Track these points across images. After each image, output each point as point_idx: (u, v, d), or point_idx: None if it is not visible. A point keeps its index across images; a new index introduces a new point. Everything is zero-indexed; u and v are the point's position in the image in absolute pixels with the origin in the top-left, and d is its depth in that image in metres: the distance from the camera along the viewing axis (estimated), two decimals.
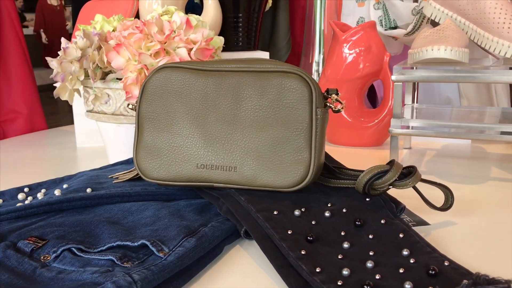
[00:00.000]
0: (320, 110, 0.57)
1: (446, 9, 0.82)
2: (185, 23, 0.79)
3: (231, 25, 1.08)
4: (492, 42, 0.74)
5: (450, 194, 0.58)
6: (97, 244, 0.49)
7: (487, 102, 1.13)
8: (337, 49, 0.95)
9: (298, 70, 0.58)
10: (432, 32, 0.78)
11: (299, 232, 0.51)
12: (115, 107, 0.80)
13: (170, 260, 0.44)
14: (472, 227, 0.58)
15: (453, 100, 1.19)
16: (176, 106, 0.60)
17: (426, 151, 0.92)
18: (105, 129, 0.84)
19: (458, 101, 1.18)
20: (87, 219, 0.54)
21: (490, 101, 1.12)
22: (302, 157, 0.57)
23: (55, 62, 0.77)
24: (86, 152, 0.98)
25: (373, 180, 0.56)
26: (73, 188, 0.64)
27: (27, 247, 0.48)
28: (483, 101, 1.14)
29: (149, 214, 0.56)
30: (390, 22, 1.02)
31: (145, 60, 0.74)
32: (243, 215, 0.54)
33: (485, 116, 0.90)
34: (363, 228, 0.53)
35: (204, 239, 0.49)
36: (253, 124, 0.58)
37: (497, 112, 0.95)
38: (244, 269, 0.49)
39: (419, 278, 0.44)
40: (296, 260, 0.46)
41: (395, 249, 0.50)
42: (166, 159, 0.60)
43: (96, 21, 0.86)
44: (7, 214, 0.54)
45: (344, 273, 0.45)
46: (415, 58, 0.75)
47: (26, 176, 0.82)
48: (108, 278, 0.40)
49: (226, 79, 0.59)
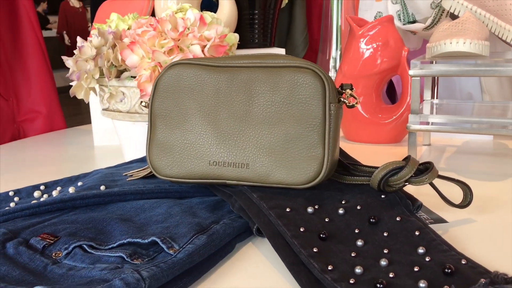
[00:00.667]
0: (334, 106, 0.56)
1: (466, 2, 0.79)
2: (199, 20, 0.79)
3: (246, 22, 1.07)
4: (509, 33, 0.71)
5: (469, 191, 0.57)
6: (108, 241, 0.49)
7: (511, 97, 1.10)
8: (353, 44, 0.93)
9: (311, 65, 0.57)
10: (451, 25, 0.76)
11: (311, 230, 0.50)
12: (130, 105, 0.80)
13: (179, 257, 0.44)
14: (492, 225, 0.56)
15: (475, 96, 1.16)
16: (188, 103, 0.60)
17: (446, 148, 0.90)
18: (120, 127, 0.84)
19: (480, 97, 1.16)
20: (99, 216, 0.54)
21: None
22: (316, 154, 0.56)
23: (71, 61, 0.78)
24: (103, 150, 0.98)
25: (388, 177, 0.55)
26: (87, 185, 0.64)
27: (39, 244, 0.48)
28: (506, 97, 1.11)
29: (161, 211, 0.56)
30: (409, 16, 1.00)
31: (159, 57, 0.73)
32: (255, 212, 0.53)
33: (508, 111, 0.88)
34: (378, 225, 0.52)
35: (215, 236, 0.49)
36: (265, 120, 0.57)
37: None
38: (256, 267, 0.48)
39: (434, 276, 0.43)
40: (308, 258, 0.45)
41: (410, 247, 0.48)
42: (178, 156, 0.60)
43: (111, 20, 0.86)
44: (21, 212, 0.55)
45: (357, 271, 0.44)
46: (434, 52, 0.73)
47: (44, 175, 0.82)
48: (116, 275, 0.40)
49: (238, 75, 0.59)
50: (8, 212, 0.54)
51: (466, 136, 0.96)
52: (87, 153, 0.97)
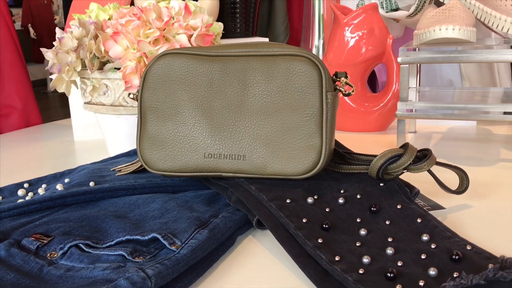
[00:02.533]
0: (331, 94, 0.55)
1: None
2: (184, 9, 0.76)
3: (228, 11, 1.05)
4: (500, 21, 0.72)
5: (465, 177, 0.57)
6: (105, 239, 0.47)
7: (490, 84, 1.12)
8: (338, 33, 0.92)
9: (307, 53, 0.56)
10: (438, 11, 0.76)
11: (313, 220, 0.50)
12: (114, 97, 0.78)
13: (183, 253, 0.42)
14: (489, 210, 0.57)
15: (455, 83, 1.17)
16: (180, 94, 0.58)
17: (432, 135, 0.91)
18: (104, 121, 0.81)
19: (460, 83, 1.17)
20: (92, 213, 0.52)
21: (493, 82, 1.11)
22: (313, 143, 0.55)
23: (51, 53, 0.75)
24: (84, 145, 0.95)
25: (387, 165, 0.54)
26: (75, 182, 0.62)
27: (32, 245, 0.45)
28: (486, 83, 1.13)
29: (156, 206, 0.54)
30: (391, 4, 1.00)
31: (144, 48, 0.71)
32: (255, 205, 0.52)
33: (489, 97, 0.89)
34: (379, 214, 0.51)
35: (217, 231, 0.48)
36: (261, 110, 0.56)
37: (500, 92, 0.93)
38: (259, 260, 0.47)
39: (442, 263, 0.42)
40: (314, 249, 0.44)
41: (413, 234, 0.48)
42: (171, 150, 0.58)
43: (91, 10, 0.83)
44: (9, 211, 0.52)
45: (365, 261, 0.43)
46: (422, 38, 0.73)
47: (24, 172, 0.79)
48: (120, 274, 0.38)
49: (232, 64, 0.57)
50: None
51: (450, 122, 0.97)
52: (67, 149, 0.94)
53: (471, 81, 1.14)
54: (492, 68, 1.10)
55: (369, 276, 0.41)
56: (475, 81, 1.14)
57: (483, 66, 1.11)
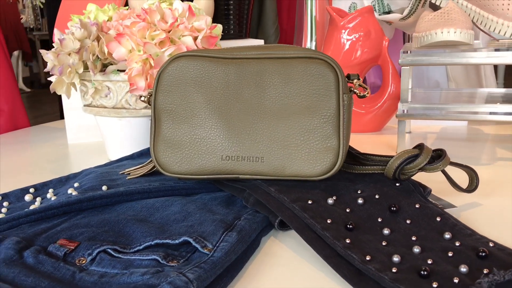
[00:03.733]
0: (347, 96, 0.56)
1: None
2: (188, 10, 0.76)
3: (222, 13, 1.05)
4: (497, 24, 0.74)
5: (475, 176, 0.59)
6: (131, 244, 0.46)
7: (476, 85, 1.15)
8: (335, 35, 0.94)
9: (323, 55, 0.56)
10: (437, 15, 0.78)
11: (337, 221, 0.50)
12: (116, 100, 0.77)
13: (218, 256, 0.42)
14: (498, 207, 0.58)
15: (442, 84, 1.20)
16: (196, 97, 0.58)
17: (427, 135, 0.93)
18: (104, 123, 0.80)
19: (446, 85, 1.20)
20: (112, 218, 0.52)
21: (479, 83, 1.14)
22: (331, 145, 0.56)
23: (51, 55, 0.73)
24: (78, 148, 0.94)
25: (404, 165, 0.56)
26: (86, 186, 0.61)
27: (60, 251, 0.45)
28: (472, 84, 1.16)
29: (176, 210, 0.54)
30: (384, 6, 1.02)
31: (150, 49, 0.71)
32: (276, 206, 0.53)
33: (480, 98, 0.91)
34: (399, 213, 0.52)
35: (244, 233, 0.48)
36: (278, 112, 0.56)
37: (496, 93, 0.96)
38: (287, 261, 0.48)
39: (470, 261, 0.44)
40: (345, 250, 0.45)
41: (435, 233, 0.49)
42: (188, 152, 0.58)
43: (89, 11, 0.82)
44: (27, 217, 0.51)
45: (395, 260, 0.44)
46: (423, 41, 0.75)
47: (22, 176, 0.77)
48: (162, 279, 0.38)
49: (248, 67, 0.57)
50: (13, 218, 0.50)
51: (442, 122, 0.99)
52: (62, 152, 0.92)
53: (457, 82, 1.18)
54: (479, 70, 1.13)
55: (403, 274, 0.42)
56: (461, 83, 1.17)
57: (470, 68, 1.15)
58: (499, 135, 0.92)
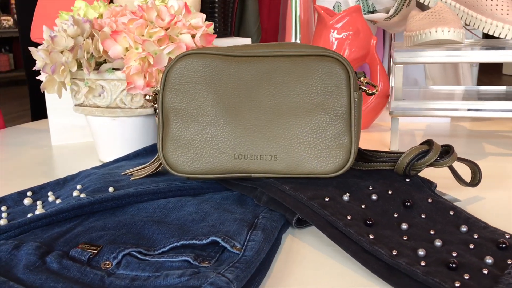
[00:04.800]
0: (357, 93, 0.57)
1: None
2: (184, 8, 0.75)
3: (207, 11, 1.04)
4: (486, 24, 0.77)
5: (478, 170, 0.60)
6: (155, 246, 0.45)
7: (454, 82, 1.19)
8: (324, 34, 0.94)
9: (334, 53, 0.57)
10: (428, 14, 0.79)
11: (356, 217, 0.51)
12: (110, 99, 0.75)
13: (250, 255, 0.42)
14: (501, 201, 0.60)
15: (420, 82, 1.23)
16: (206, 95, 0.57)
17: (414, 132, 0.95)
18: (97, 123, 0.78)
19: (424, 83, 1.23)
20: (127, 220, 0.50)
21: (457, 81, 1.18)
22: (343, 142, 0.56)
23: (42, 52, 0.70)
24: (65, 150, 0.91)
25: (415, 161, 0.57)
26: (91, 188, 0.59)
27: (83, 255, 0.43)
28: (449, 82, 1.20)
29: (191, 210, 0.53)
30: (369, 6, 1.03)
31: (149, 47, 0.69)
32: (294, 204, 0.53)
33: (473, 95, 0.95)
34: (413, 208, 0.54)
35: (268, 231, 0.48)
36: (291, 110, 0.56)
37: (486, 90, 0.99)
38: (311, 258, 0.48)
39: (492, 252, 0.45)
40: (371, 245, 0.45)
41: (451, 226, 0.51)
42: (199, 151, 0.57)
43: (78, 7, 0.79)
44: (38, 221, 0.49)
45: (420, 254, 0.45)
46: (417, 40, 0.77)
47: (12, 179, 0.74)
48: (203, 280, 0.37)
49: (259, 65, 0.57)
50: (24, 223, 0.48)
51: (426, 119, 1.02)
52: (48, 154, 0.89)
53: (435, 80, 1.21)
54: (457, 68, 1.17)
55: (432, 267, 0.42)
56: (439, 80, 1.20)
57: (447, 66, 1.18)
58: (482, 131, 0.95)
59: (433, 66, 1.19)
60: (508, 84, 2.45)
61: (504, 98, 0.92)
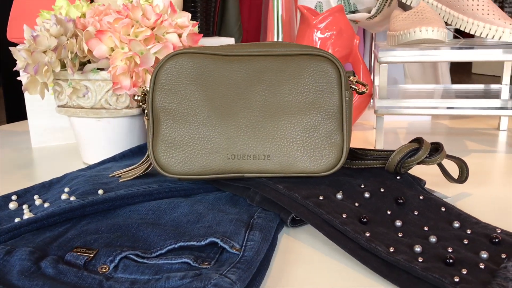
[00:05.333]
0: (348, 92, 0.57)
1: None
2: (169, 7, 0.74)
3: (189, 11, 1.03)
4: (467, 24, 0.78)
5: (465, 167, 0.61)
6: (151, 248, 0.45)
7: (432, 81, 1.21)
8: (307, 34, 0.95)
9: (325, 52, 0.57)
10: (410, 14, 0.81)
11: (351, 215, 0.51)
12: (95, 100, 0.73)
13: (249, 256, 0.42)
14: (488, 196, 0.62)
15: (399, 81, 1.25)
16: (198, 95, 0.57)
17: (397, 130, 0.97)
18: (81, 125, 0.76)
19: (403, 81, 1.25)
20: (121, 222, 0.49)
21: (436, 80, 1.20)
22: (335, 141, 0.57)
23: (24, 52, 0.69)
24: (46, 152, 0.89)
25: (406, 159, 0.57)
26: (80, 191, 0.58)
27: (79, 260, 0.42)
28: (428, 81, 1.22)
29: (185, 211, 0.52)
30: (350, 6, 1.04)
31: (136, 47, 0.68)
32: (289, 203, 0.53)
33: (439, 94, 0.96)
34: (405, 205, 0.54)
35: (265, 231, 0.47)
36: (284, 109, 0.56)
37: (449, 89, 1.02)
38: (309, 257, 0.48)
39: (486, 247, 0.46)
40: (368, 243, 0.46)
41: (444, 222, 0.51)
42: (190, 152, 0.56)
43: (59, 6, 0.77)
44: (28, 226, 0.47)
45: (417, 250, 0.45)
46: (402, 39, 0.78)
47: None
48: (206, 282, 0.37)
49: (251, 64, 0.57)
50: (14, 227, 0.47)
51: (408, 118, 1.04)
52: (28, 156, 0.86)
53: (414, 79, 1.23)
54: (436, 67, 1.19)
55: (430, 263, 0.43)
56: (418, 79, 1.22)
57: (426, 65, 1.20)
58: (462, 129, 0.97)
59: (412, 65, 1.21)
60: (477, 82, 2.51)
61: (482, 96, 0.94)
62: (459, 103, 0.79)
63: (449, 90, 1.00)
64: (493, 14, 0.76)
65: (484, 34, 0.77)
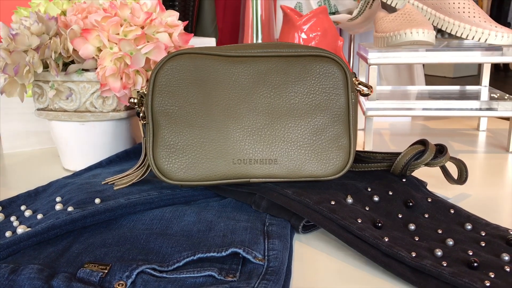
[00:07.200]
0: (354, 94, 0.56)
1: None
2: (157, 5, 0.71)
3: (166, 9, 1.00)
4: (454, 26, 0.79)
5: (465, 168, 0.62)
6: (167, 261, 0.42)
7: (407, 83, 1.23)
8: (291, 35, 0.93)
9: (329, 53, 0.56)
10: (398, 16, 0.81)
11: (365, 220, 0.50)
12: (79, 103, 0.69)
13: (275, 266, 0.40)
14: (486, 197, 0.62)
15: None
16: (200, 97, 0.54)
17: (380, 131, 0.97)
18: (62, 129, 0.72)
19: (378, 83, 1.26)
20: (127, 234, 0.46)
21: (411, 81, 1.22)
22: (342, 143, 0.56)
23: (3, 52, 0.64)
24: (19, 158, 0.83)
25: (412, 161, 0.57)
26: (75, 200, 0.54)
27: (93, 276, 0.39)
28: (403, 82, 1.23)
29: (193, 219, 0.50)
30: (331, 7, 1.04)
31: (125, 47, 0.65)
32: (301, 209, 0.51)
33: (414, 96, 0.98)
34: (415, 208, 0.54)
35: (283, 239, 0.46)
36: (290, 112, 0.55)
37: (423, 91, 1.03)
38: (328, 264, 0.46)
39: (503, 249, 0.46)
40: (390, 248, 0.45)
41: (455, 224, 0.51)
42: (194, 157, 0.54)
43: (37, 3, 0.73)
44: (28, 240, 0.44)
45: (438, 254, 0.45)
46: (391, 41, 0.78)
47: None
48: None
49: (255, 66, 0.55)
50: (14, 242, 0.43)
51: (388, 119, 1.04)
52: (1, 163, 0.81)
53: (389, 80, 1.24)
54: (412, 69, 1.20)
55: (455, 268, 0.42)
56: (393, 81, 1.24)
57: (402, 67, 1.22)
58: (444, 130, 0.98)
59: (388, 67, 1.22)
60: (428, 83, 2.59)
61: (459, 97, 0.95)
62: (451, 104, 0.79)
63: (423, 91, 1.02)
64: (479, 16, 0.77)
65: (470, 37, 0.78)
